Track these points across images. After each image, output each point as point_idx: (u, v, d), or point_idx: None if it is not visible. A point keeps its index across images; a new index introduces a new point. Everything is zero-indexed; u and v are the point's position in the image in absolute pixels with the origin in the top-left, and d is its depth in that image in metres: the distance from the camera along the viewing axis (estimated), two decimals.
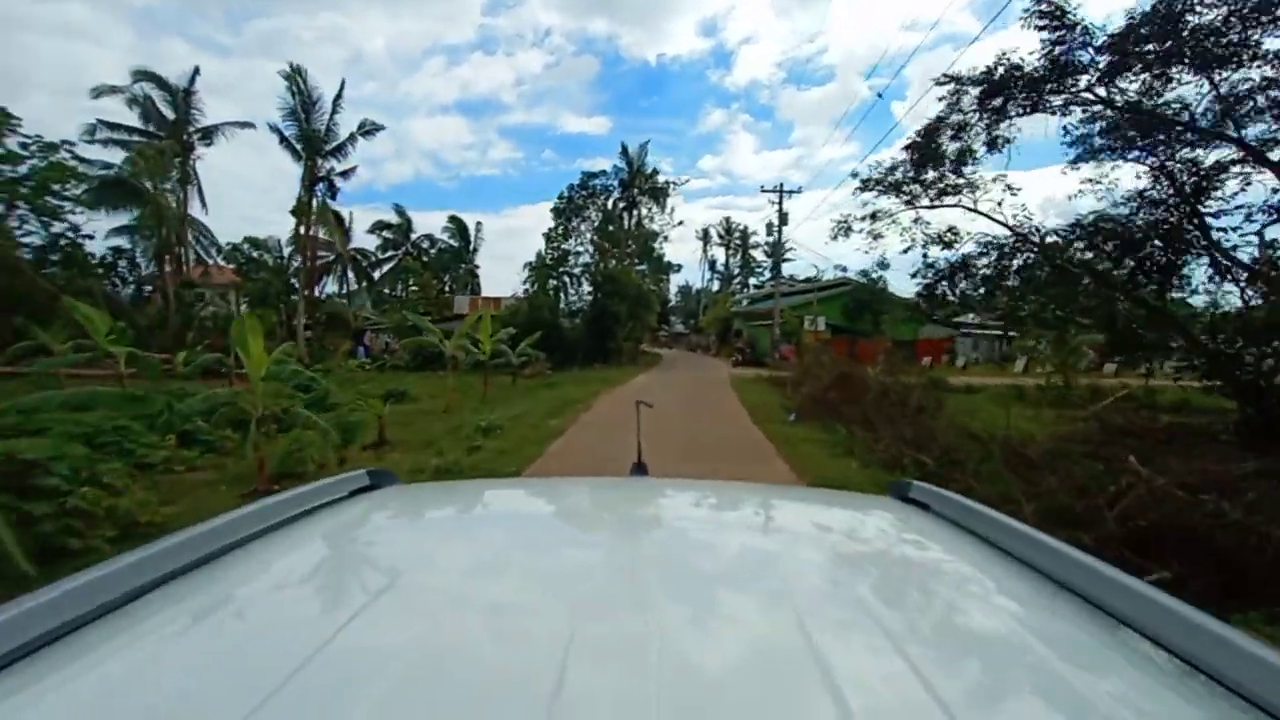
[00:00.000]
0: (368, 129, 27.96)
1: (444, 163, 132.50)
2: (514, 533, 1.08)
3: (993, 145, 8.34)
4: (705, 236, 71.65)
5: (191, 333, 23.95)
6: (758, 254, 69.12)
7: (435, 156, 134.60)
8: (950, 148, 8.53)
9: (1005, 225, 8.78)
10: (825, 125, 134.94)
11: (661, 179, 33.48)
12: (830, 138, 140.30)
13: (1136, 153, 8.08)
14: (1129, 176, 8.55)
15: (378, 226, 47.37)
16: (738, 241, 69.07)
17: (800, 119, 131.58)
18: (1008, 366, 37.23)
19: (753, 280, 69.35)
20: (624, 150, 33.69)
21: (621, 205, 31.88)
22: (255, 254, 34.53)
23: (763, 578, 0.86)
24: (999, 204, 8.69)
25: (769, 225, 30.90)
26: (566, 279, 29.75)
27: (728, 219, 69.92)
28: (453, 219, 45.64)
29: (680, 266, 38.45)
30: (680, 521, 1.24)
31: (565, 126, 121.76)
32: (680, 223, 32.91)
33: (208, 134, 30.11)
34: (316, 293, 42.26)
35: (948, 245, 8.83)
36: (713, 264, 73.55)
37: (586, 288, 28.97)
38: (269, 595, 0.80)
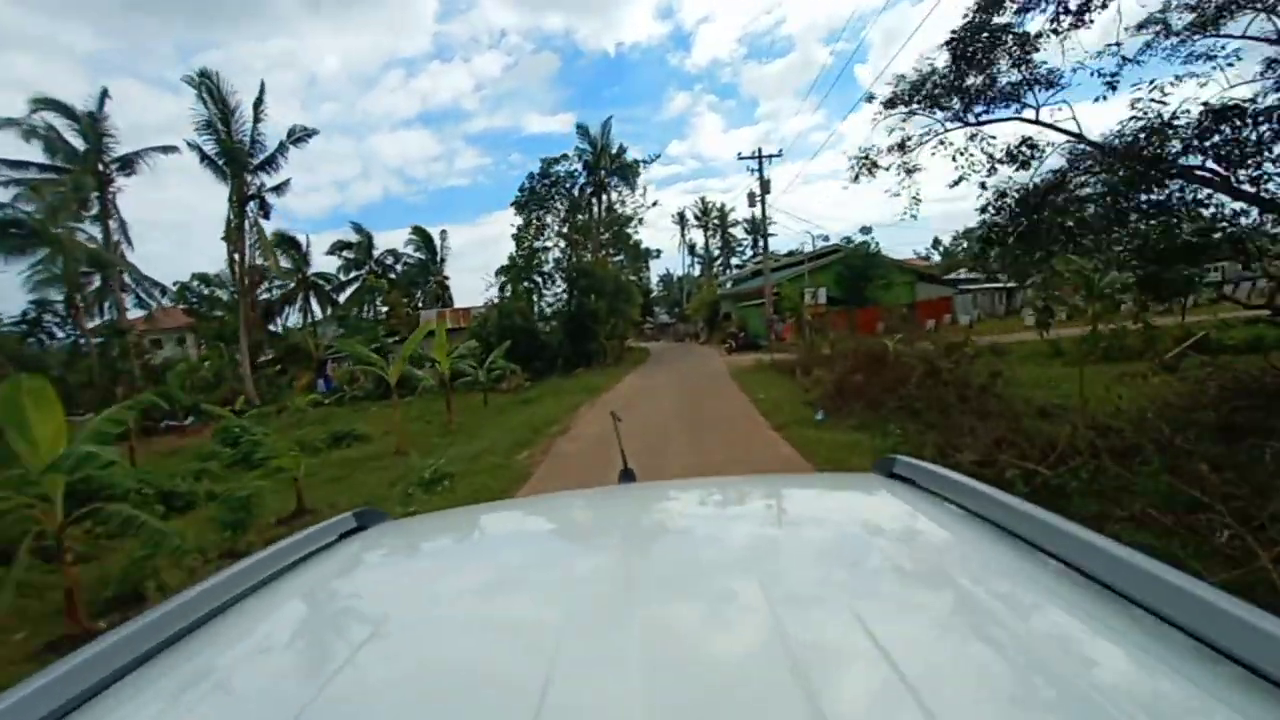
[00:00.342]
0: (298, 136, 25.27)
1: (412, 178, 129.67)
2: (509, 557, 1.08)
3: (1082, 12, 5.94)
4: (682, 220, 69.27)
5: (120, 387, 21.23)
6: (737, 232, 66.95)
7: (402, 173, 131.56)
8: (1008, 42, 6.18)
9: (1083, 139, 6.49)
10: (791, 97, 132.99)
11: (630, 157, 30.40)
12: (798, 109, 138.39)
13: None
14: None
15: (337, 247, 44.77)
16: (716, 221, 66.74)
17: (765, 94, 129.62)
18: (1013, 321, 35.36)
19: (734, 260, 67.15)
20: (584, 131, 30.67)
21: (589, 191, 29.23)
22: (206, 290, 31.73)
23: (755, 571, 0.85)
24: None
25: (751, 195, 28.42)
26: (539, 279, 27.21)
27: (703, 199, 67.52)
28: (416, 230, 42.70)
29: (659, 252, 35.96)
30: (674, 524, 1.23)
31: (531, 127, 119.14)
32: (655, 203, 30.05)
33: (127, 163, 27.12)
34: (280, 323, 40.01)
35: (1023, 164, 6.50)
36: (692, 248, 71.27)
37: (561, 286, 26.47)
38: (269, 653, 0.79)
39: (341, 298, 43.35)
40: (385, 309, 40.07)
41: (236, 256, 25.79)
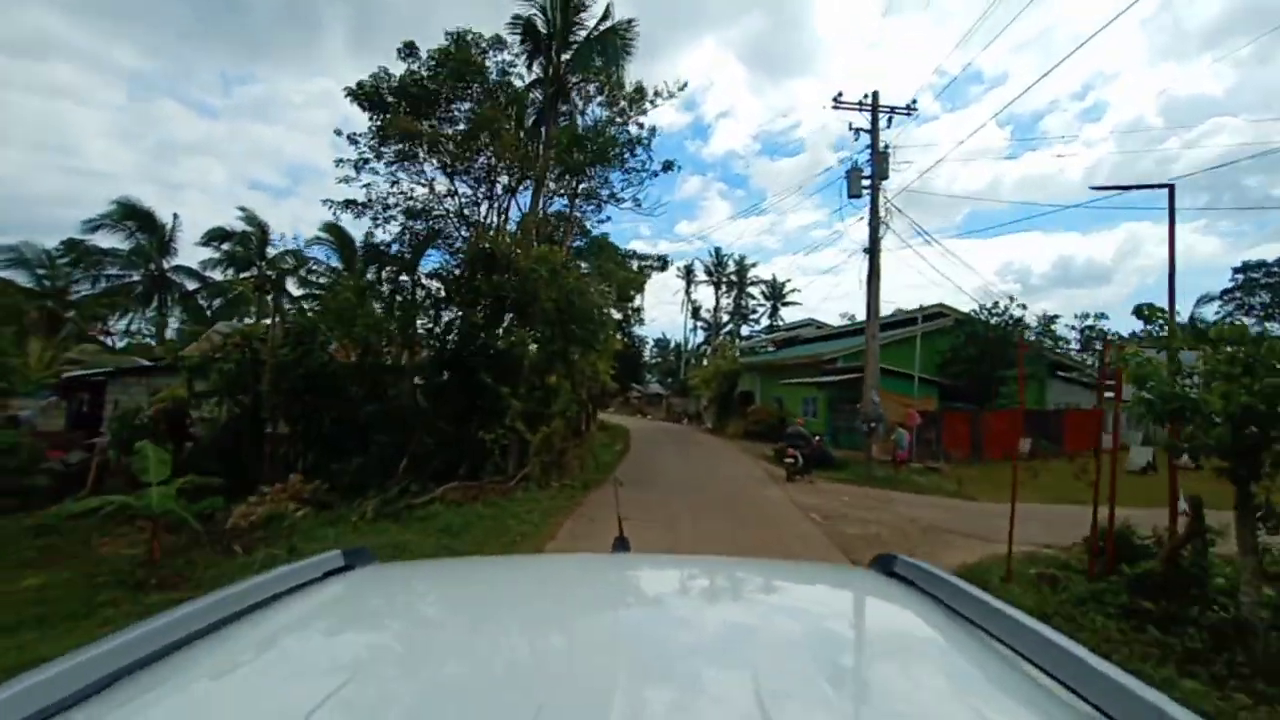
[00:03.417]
0: None
1: None
2: (494, 614, 1.05)
3: None
4: (688, 275, 56.57)
5: None
6: (755, 292, 54.01)
7: None
8: None
9: None
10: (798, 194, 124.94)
11: (614, 21, 14.57)
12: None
13: None
14: None
15: (213, 237, 31.36)
16: (733, 276, 53.88)
17: (772, 188, 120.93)
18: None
19: (745, 330, 53.93)
20: None
21: (535, 95, 15.83)
22: None
23: (742, 658, 0.84)
24: None
25: (851, 174, 14.73)
26: (388, 268, 13.14)
27: (717, 249, 54.96)
28: (331, 228, 28.49)
29: (667, 261, 20.95)
30: (662, 599, 1.21)
31: None
32: (683, 86, 13.38)
33: None
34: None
35: None
36: (696, 311, 58.18)
37: (440, 287, 12.03)
38: (241, 686, 0.77)
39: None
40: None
41: None
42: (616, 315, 17.77)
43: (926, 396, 19.31)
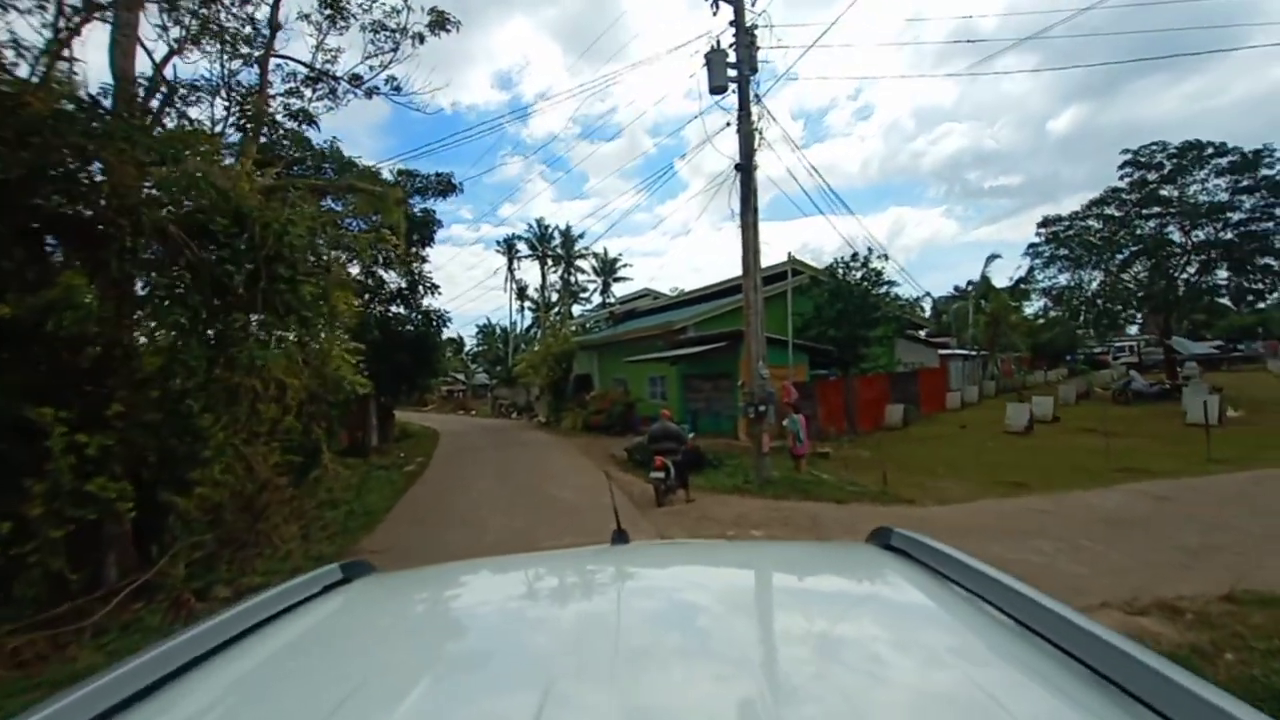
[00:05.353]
0: None
1: None
2: (497, 617, 1.06)
3: None
4: (510, 250, 50.15)
5: None
6: (585, 267, 49.66)
7: None
8: None
9: None
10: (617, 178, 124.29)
11: None
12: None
13: None
14: None
15: None
16: (559, 250, 48.70)
17: (594, 171, 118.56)
18: (1019, 395, 21.89)
19: (577, 310, 49.38)
20: None
21: None
22: None
23: (746, 636, 0.85)
24: None
25: (711, 56, 10.45)
26: None
27: (540, 220, 49.41)
28: None
29: (453, 183, 14.99)
30: (666, 588, 1.17)
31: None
32: None
33: None
34: None
35: None
36: (522, 291, 52.11)
37: None
38: (246, 708, 0.75)
39: None
40: None
41: None
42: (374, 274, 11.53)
43: (799, 365, 16.30)
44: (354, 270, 11.47)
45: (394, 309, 16.76)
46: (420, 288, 16.59)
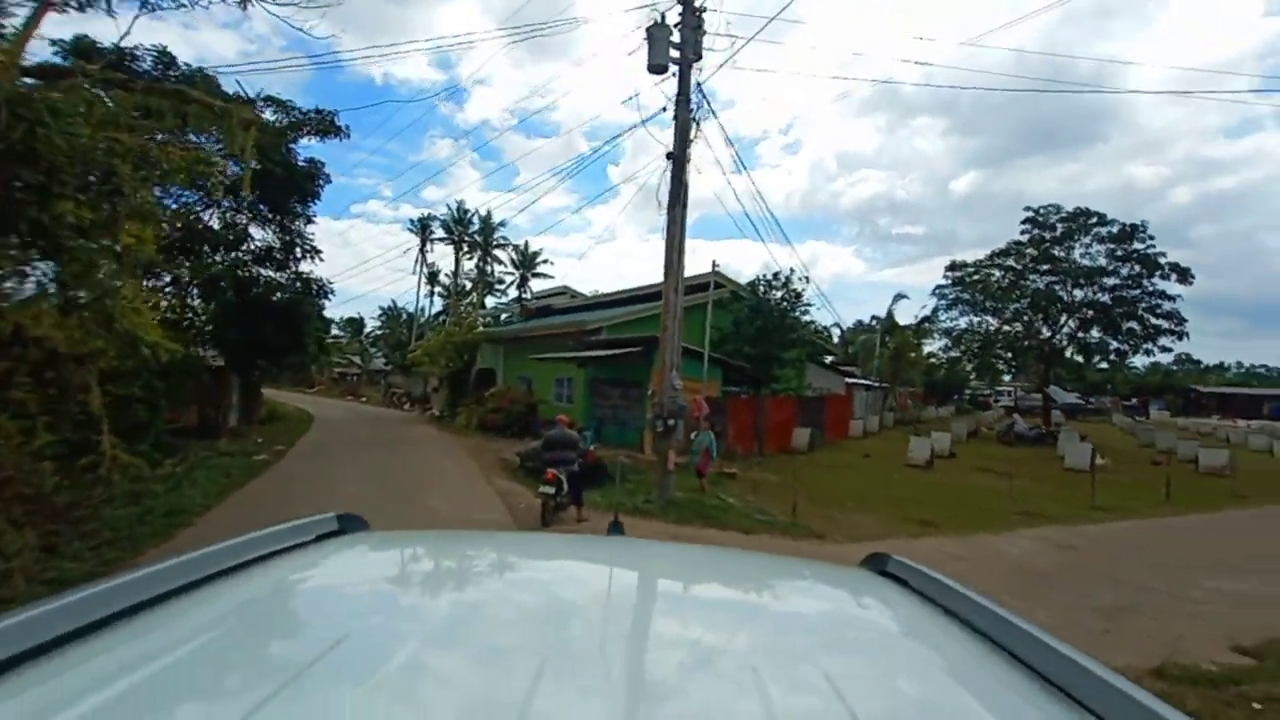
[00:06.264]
0: None
1: None
2: (483, 587, 1.05)
3: None
4: (423, 230, 46.94)
5: None
6: (503, 257, 47.39)
7: None
8: None
9: None
10: (549, 175, 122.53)
11: None
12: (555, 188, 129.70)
13: None
14: None
15: None
16: (476, 236, 46.12)
17: (525, 166, 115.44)
18: (914, 428, 22.83)
19: (491, 301, 46.90)
20: None
21: None
22: None
23: (729, 650, 0.82)
24: None
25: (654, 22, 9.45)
26: None
27: (460, 203, 46.56)
28: None
29: (336, 124, 12.92)
30: (653, 584, 1.15)
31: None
32: None
33: None
34: None
35: None
36: (434, 275, 48.91)
37: None
38: (228, 641, 0.74)
39: None
40: None
41: None
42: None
43: (713, 380, 15.62)
44: (167, 203, 9.37)
45: (263, 272, 14.33)
46: (298, 249, 14.28)
